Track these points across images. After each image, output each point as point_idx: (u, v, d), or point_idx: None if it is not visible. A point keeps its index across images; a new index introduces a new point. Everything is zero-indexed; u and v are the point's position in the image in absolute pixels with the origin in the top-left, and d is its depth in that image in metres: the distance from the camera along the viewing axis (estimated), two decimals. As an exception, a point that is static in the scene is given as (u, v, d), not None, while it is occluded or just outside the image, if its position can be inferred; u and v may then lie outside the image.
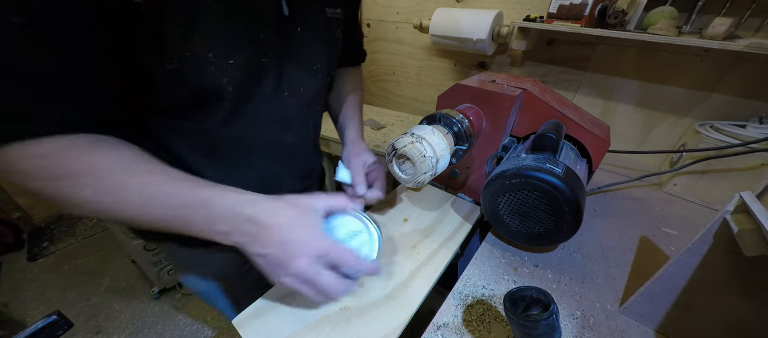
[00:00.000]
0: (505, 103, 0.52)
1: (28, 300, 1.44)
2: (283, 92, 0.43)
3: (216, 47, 0.33)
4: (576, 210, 0.42)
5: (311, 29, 0.43)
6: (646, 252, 0.54)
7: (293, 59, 0.42)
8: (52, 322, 0.64)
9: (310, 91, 0.48)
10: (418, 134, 0.44)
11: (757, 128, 0.66)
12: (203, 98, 0.36)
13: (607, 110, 0.95)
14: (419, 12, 1.14)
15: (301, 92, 0.46)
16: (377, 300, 0.43)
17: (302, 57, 0.44)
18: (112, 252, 1.67)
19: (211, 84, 0.35)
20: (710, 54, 0.76)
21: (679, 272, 0.37)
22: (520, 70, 1.06)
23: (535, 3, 0.93)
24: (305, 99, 0.47)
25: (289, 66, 0.42)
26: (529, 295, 0.35)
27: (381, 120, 1.26)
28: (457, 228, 0.57)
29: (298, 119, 0.48)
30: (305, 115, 0.50)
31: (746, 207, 0.31)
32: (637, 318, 0.42)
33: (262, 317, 0.41)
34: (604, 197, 0.71)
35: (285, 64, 0.42)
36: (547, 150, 0.46)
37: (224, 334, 1.32)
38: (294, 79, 0.44)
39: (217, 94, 0.36)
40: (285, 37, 0.40)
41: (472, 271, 0.49)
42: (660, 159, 0.88)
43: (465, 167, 0.62)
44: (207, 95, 0.36)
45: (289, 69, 0.42)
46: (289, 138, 0.48)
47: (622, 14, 0.73)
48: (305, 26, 0.42)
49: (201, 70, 0.33)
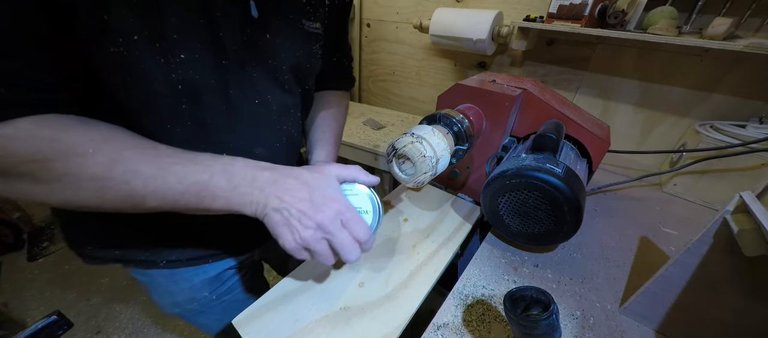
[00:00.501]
0: (505, 103, 0.52)
1: (28, 300, 1.44)
2: (253, 100, 0.40)
3: (165, 37, 0.30)
4: (576, 210, 0.42)
5: (283, 38, 0.40)
6: (646, 252, 0.54)
7: (260, 67, 0.39)
8: (52, 322, 0.64)
9: (280, 101, 0.44)
10: (418, 134, 0.44)
11: (757, 128, 0.66)
12: (153, 95, 0.33)
13: (607, 110, 0.95)
14: (419, 12, 1.14)
15: (270, 101, 0.42)
16: (377, 300, 0.43)
17: (270, 66, 0.40)
18: (112, 252, 1.68)
19: (160, 78, 0.32)
20: (710, 54, 0.76)
21: (679, 272, 0.37)
22: (520, 70, 1.06)
23: (535, 3, 0.93)
24: (275, 108, 0.43)
25: (253, 73, 0.39)
26: (529, 295, 0.35)
27: (381, 120, 1.26)
28: (457, 228, 0.57)
29: (269, 132, 0.45)
30: (278, 128, 0.46)
31: (746, 207, 0.31)
32: (637, 318, 0.42)
33: (262, 317, 0.41)
34: (604, 197, 0.71)
35: (249, 70, 0.38)
36: (547, 150, 0.46)
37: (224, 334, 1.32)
38: (261, 88, 0.41)
39: (169, 93, 0.33)
40: (251, 41, 0.37)
41: (472, 271, 0.49)
42: (660, 159, 0.88)
43: (465, 167, 0.62)
44: (156, 91, 0.33)
45: (254, 76, 0.39)
46: (260, 152, 0.44)
47: (622, 14, 0.73)
48: (276, 34, 0.39)
49: (149, 59, 0.30)
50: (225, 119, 0.39)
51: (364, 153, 1.04)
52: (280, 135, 0.47)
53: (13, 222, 1.73)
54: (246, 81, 0.39)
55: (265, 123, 0.43)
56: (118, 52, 0.28)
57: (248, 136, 0.42)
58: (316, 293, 0.44)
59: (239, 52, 0.36)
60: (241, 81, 0.38)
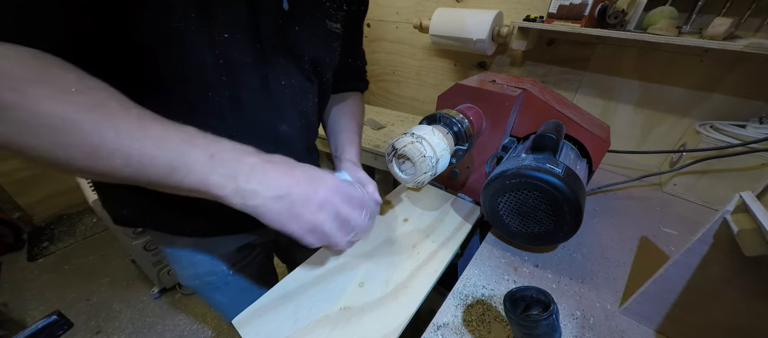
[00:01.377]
0: (505, 103, 0.52)
1: (28, 300, 1.44)
2: (280, 81, 0.44)
3: (214, 17, 0.34)
4: (576, 210, 0.42)
5: (309, 32, 0.45)
6: (646, 252, 0.54)
7: (287, 54, 0.44)
8: (52, 322, 0.64)
9: (302, 85, 0.48)
10: (418, 134, 0.44)
11: (757, 128, 0.66)
12: (197, 68, 0.35)
13: (607, 110, 0.95)
14: (419, 12, 1.14)
15: (294, 84, 0.46)
16: (377, 300, 0.43)
17: (294, 55, 0.45)
18: (112, 252, 1.67)
19: (204, 52, 0.35)
20: (710, 54, 0.76)
21: (679, 272, 0.36)
22: (520, 70, 1.06)
23: (535, 3, 0.93)
24: (298, 90, 0.48)
25: (281, 59, 0.43)
26: (529, 295, 0.35)
27: (381, 120, 1.26)
28: (457, 228, 0.57)
29: (292, 112, 0.48)
30: (299, 110, 0.50)
31: (746, 207, 0.31)
32: (637, 318, 0.42)
33: (262, 317, 0.41)
34: (604, 197, 0.71)
35: (278, 56, 0.43)
36: (547, 150, 0.46)
37: (224, 334, 1.32)
38: (287, 73, 0.45)
39: (211, 66, 0.36)
40: (281, 31, 0.41)
41: (472, 271, 0.49)
42: (660, 159, 0.88)
43: (465, 167, 0.62)
44: (201, 63, 0.35)
45: (282, 61, 0.44)
46: (284, 129, 0.48)
47: (622, 14, 0.73)
48: (303, 27, 0.44)
49: (199, 35, 0.34)
50: (257, 96, 0.42)
51: (364, 153, 1.04)
52: (301, 116, 0.50)
53: (13, 222, 1.73)
54: (275, 65, 0.43)
55: (290, 103, 0.47)
56: (176, 26, 0.32)
57: (276, 112, 0.46)
58: (316, 293, 0.44)
59: (271, 39, 0.40)
60: (271, 64, 0.42)
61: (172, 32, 0.32)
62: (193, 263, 0.55)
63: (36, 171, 1.77)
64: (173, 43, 0.33)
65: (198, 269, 0.56)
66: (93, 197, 1.08)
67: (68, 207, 1.98)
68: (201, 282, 0.57)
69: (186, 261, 0.55)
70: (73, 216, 1.95)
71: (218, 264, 0.56)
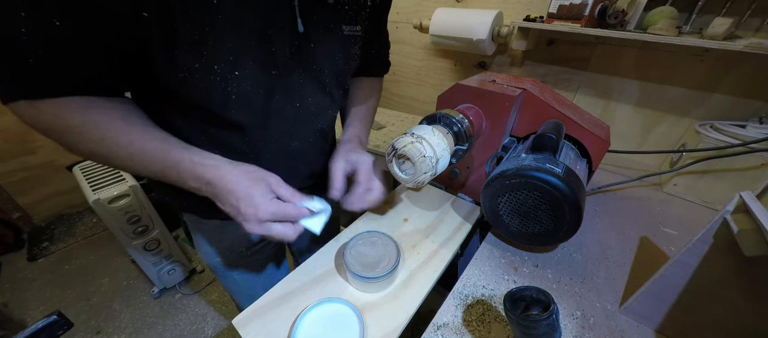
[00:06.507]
0: (505, 103, 0.52)
1: (28, 300, 1.44)
2: (294, 103, 0.45)
3: (221, 60, 0.35)
4: (576, 210, 0.42)
5: (325, 46, 0.44)
6: (646, 252, 0.54)
7: (305, 74, 0.44)
8: (52, 322, 0.64)
9: (319, 103, 0.49)
10: (418, 134, 0.44)
11: (757, 128, 0.66)
12: (209, 103, 0.39)
13: (607, 110, 0.95)
14: (419, 12, 1.14)
15: (310, 103, 0.47)
16: (377, 300, 0.43)
17: (313, 72, 0.45)
18: (112, 252, 1.67)
19: (216, 92, 0.37)
20: (710, 54, 0.76)
21: (679, 272, 0.36)
22: (520, 70, 1.06)
23: (535, 3, 0.93)
24: (313, 109, 0.49)
25: (299, 79, 0.44)
26: (529, 295, 0.35)
27: (381, 120, 1.26)
28: (457, 228, 0.57)
29: (305, 128, 0.50)
30: (313, 124, 0.51)
31: (746, 207, 0.31)
32: (637, 318, 0.42)
33: (262, 317, 0.41)
34: (604, 197, 0.71)
35: (296, 78, 0.43)
36: (547, 150, 0.46)
37: (224, 334, 1.32)
38: (304, 92, 0.46)
39: (221, 103, 0.39)
40: (298, 52, 0.41)
41: (472, 271, 0.49)
42: (660, 159, 0.88)
43: (465, 167, 0.62)
44: (212, 101, 0.39)
45: (300, 82, 0.44)
46: (295, 145, 0.50)
47: (622, 14, 0.73)
48: (319, 42, 0.43)
49: (206, 80, 0.36)
50: (268, 120, 0.44)
51: (364, 153, 1.04)
52: (314, 131, 0.52)
53: (13, 222, 1.73)
54: (292, 87, 0.44)
55: (302, 122, 0.49)
56: (183, 77, 0.35)
57: (285, 132, 0.48)
58: (316, 293, 0.44)
59: (288, 63, 0.41)
60: (288, 87, 0.43)
61: (181, 81, 0.35)
62: (217, 240, 0.60)
63: (36, 172, 1.77)
64: (184, 88, 0.36)
65: (221, 245, 0.61)
66: (93, 197, 1.08)
67: (68, 207, 1.98)
68: (220, 259, 0.62)
69: (212, 237, 0.60)
70: (73, 216, 1.95)
71: (239, 244, 0.61)
